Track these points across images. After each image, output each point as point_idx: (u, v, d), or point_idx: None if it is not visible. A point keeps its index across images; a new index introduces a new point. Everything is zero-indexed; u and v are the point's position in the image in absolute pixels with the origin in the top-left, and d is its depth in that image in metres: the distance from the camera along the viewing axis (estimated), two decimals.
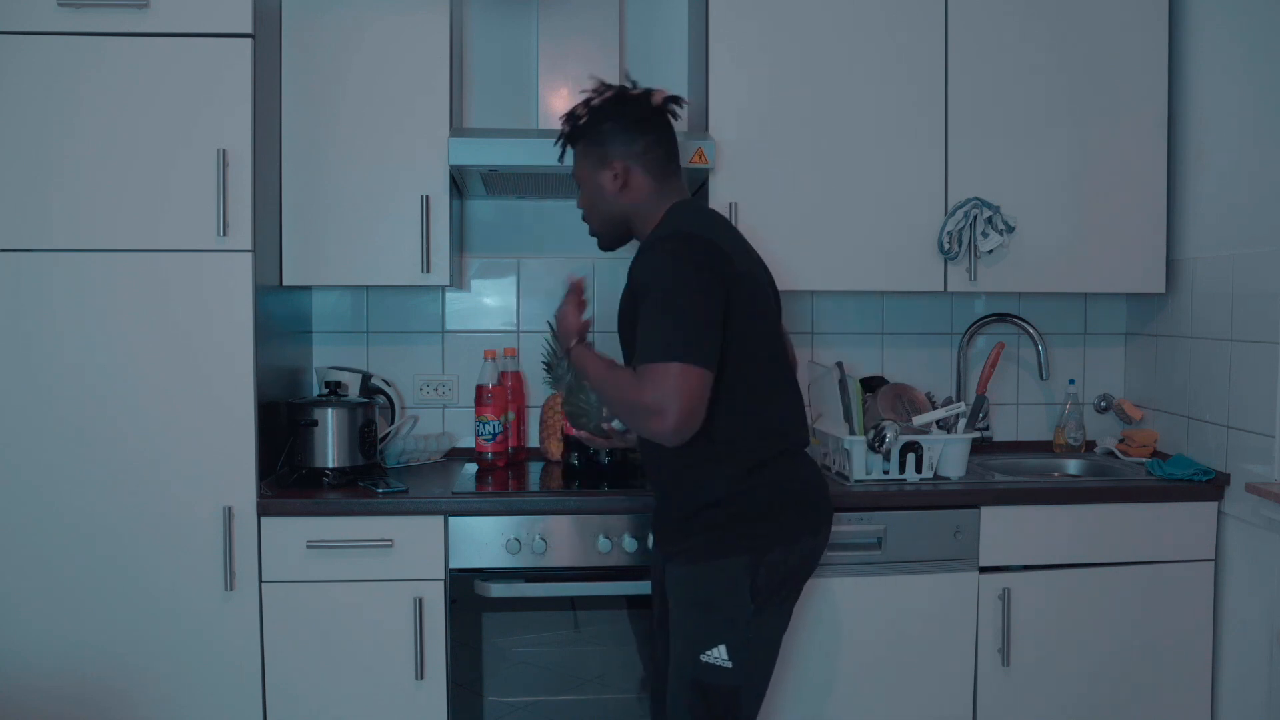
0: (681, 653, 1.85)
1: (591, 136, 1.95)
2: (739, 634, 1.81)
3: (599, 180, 1.95)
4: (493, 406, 2.63)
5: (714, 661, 1.80)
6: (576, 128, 1.97)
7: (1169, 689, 2.48)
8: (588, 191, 1.99)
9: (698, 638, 1.83)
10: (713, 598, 1.83)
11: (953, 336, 2.98)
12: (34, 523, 2.21)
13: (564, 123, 2.00)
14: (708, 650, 1.81)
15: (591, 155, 1.96)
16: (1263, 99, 2.39)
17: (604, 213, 1.98)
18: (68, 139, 2.20)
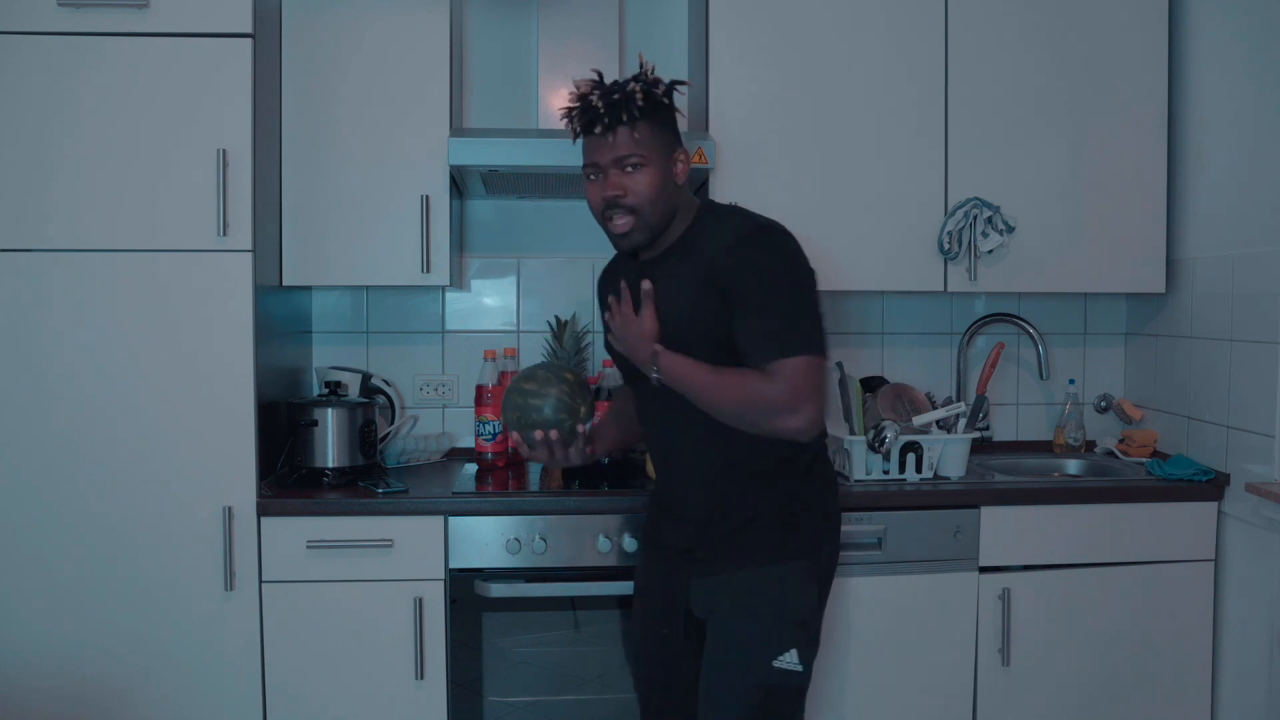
0: (746, 661, 1.77)
1: (660, 117, 1.79)
2: (809, 635, 1.80)
3: (670, 167, 1.80)
4: (493, 406, 2.63)
5: (787, 666, 1.76)
6: (654, 100, 1.78)
7: (1169, 689, 2.48)
8: (653, 178, 1.78)
9: (768, 643, 1.77)
10: (782, 601, 1.79)
11: (953, 336, 2.98)
12: (34, 523, 2.21)
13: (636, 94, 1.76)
14: (780, 655, 1.76)
15: (665, 137, 1.80)
16: (1263, 99, 2.39)
17: (665, 203, 1.80)
18: (68, 139, 2.20)
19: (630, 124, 1.76)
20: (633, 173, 1.78)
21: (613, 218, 1.80)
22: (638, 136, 1.77)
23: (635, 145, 1.77)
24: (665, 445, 1.91)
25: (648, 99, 1.77)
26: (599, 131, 1.77)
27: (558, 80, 2.67)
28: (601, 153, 1.79)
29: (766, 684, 1.77)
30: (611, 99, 1.75)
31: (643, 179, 1.78)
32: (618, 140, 1.77)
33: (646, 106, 1.77)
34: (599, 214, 1.83)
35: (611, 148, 1.77)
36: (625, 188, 1.78)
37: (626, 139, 1.77)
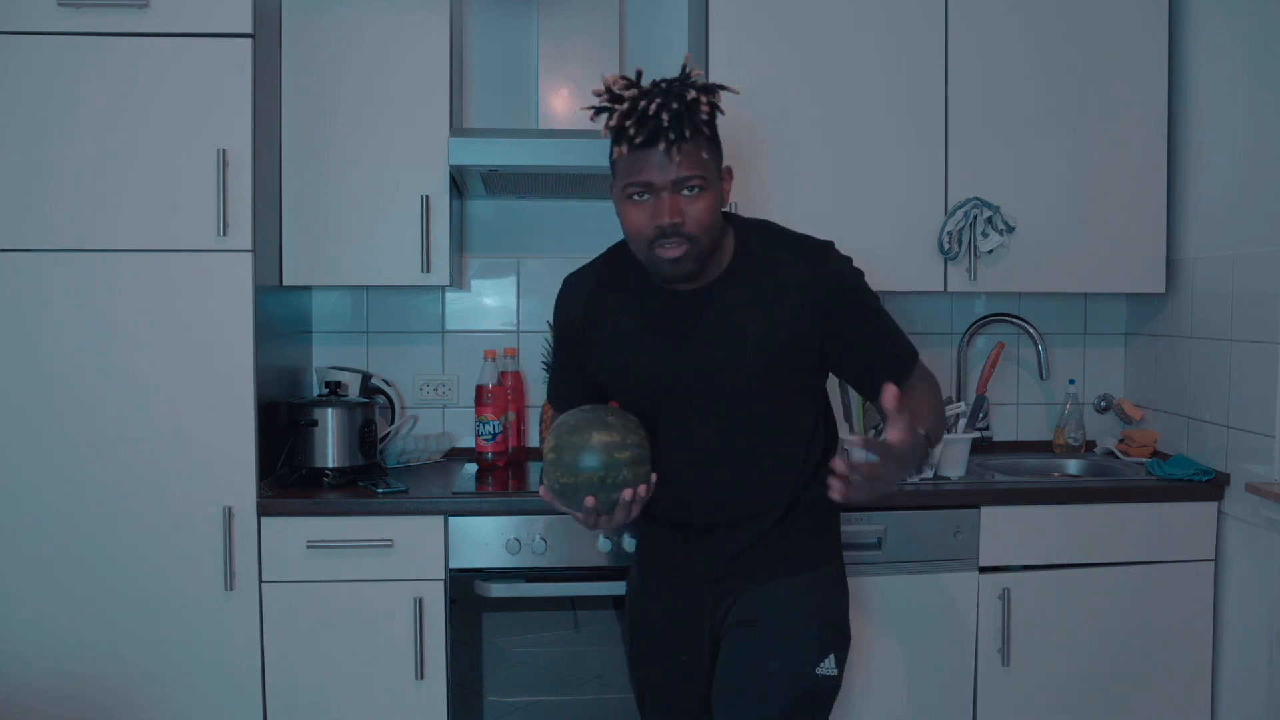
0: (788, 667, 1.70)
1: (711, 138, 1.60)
2: (843, 640, 1.77)
3: (721, 191, 1.63)
4: (493, 406, 2.63)
5: (827, 672, 1.71)
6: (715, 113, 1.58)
7: (1169, 689, 2.48)
8: (713, 201, 1.59)
9: (810, 650, 1.71)
10: (823, 606, 1.76)
11: (953, 336, 2.98)
12: (34, 522, 2.21)
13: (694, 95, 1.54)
14: (822, 661, 1.71)
15: (717, 157, 1.62)
16: (1263, 99, 2.39)
17: (720, 229, 1.64)
18: (68, 139, 2.20)
19: (696, 139, 1.56)
20: (692, 196, 1.57)
21: (665, 245, 1.58)
22: (705, 157, 1.58)
23: (700, 166, 1.57)
24: (697, 469, 1.73)
25: (712, 112, 1.57)
26: (663, 148, 1.53)
27: (558, 80, 2.68)
28: (658, 172, 1.55)
29: (810, 691, 1.72)
30: (673, 109, 1.53)
31: (703, 204, 1.58)
32: (683, 160, 1.55)
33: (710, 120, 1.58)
34: (646, 239, 1.60)
35: (673, 168, 1.55)
36: (685, 214, 1.56)
37: (692, 159, 1.55)
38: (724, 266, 1.68)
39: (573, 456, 1.58)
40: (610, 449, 1.58)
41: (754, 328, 1.66)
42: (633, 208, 1.60)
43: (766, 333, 1.65)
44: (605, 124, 1.59)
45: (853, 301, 1.69)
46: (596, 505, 1.61)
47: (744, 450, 1.72)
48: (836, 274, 1.67)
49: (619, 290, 1.76)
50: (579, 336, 1.80)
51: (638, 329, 1.72)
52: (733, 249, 1.69)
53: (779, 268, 1.66)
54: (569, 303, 1.82)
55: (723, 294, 1.68)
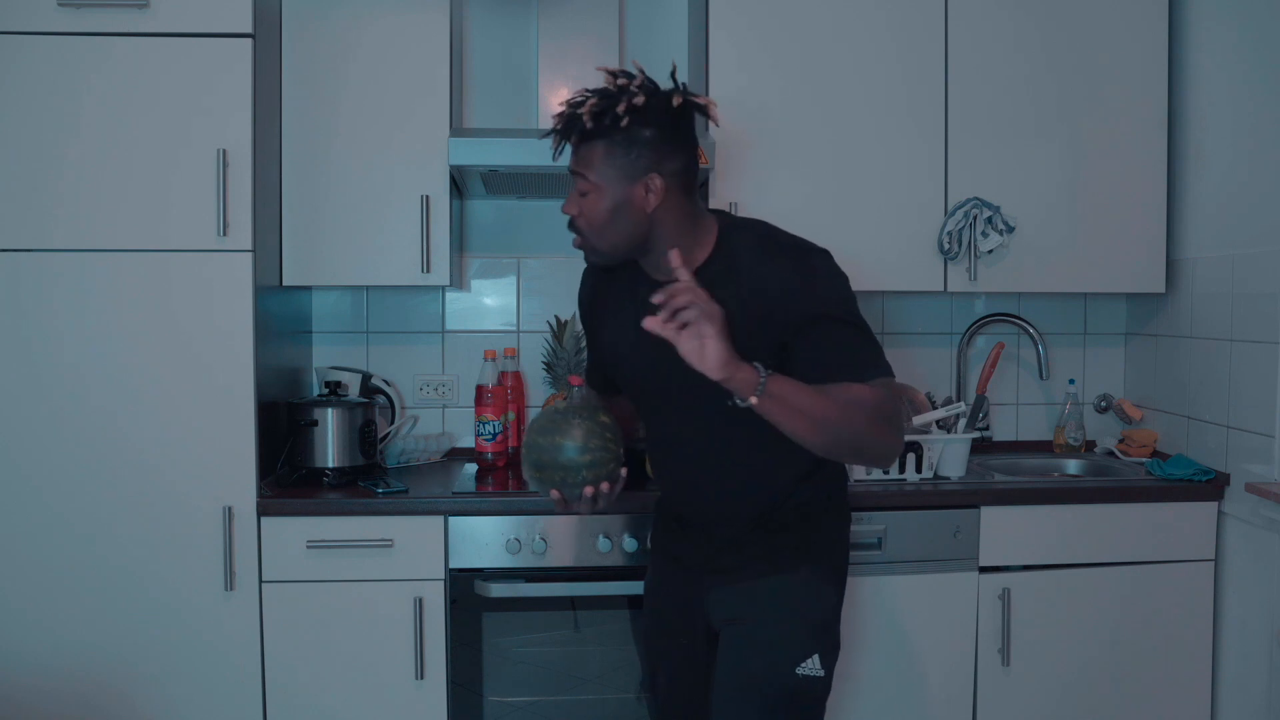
0: (769, 667, 1.73)
1: (619, 140, 1.63)
2: (830, 640, 1.77)
3: (622, 194, 1.65)
4: (493, 406, 2.63)
5: (810, 672, 1.72)
6: (603, 126, 1.63)
7: (1169, 689, 2.48)
8: (601, 203, 1.66)
9: (790, 649, 1.73)
10: (806, 606, 1.76)
11: (953, 336, 2.98)
12: (34, 522, 2.21)
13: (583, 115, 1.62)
14: (804, 661, 1.72)
15: (617, 163, 1.64)
16: (1263, 99, 2.39)
17: (623, 231, 1.67)
18: (68, 139, 2.20)
19: (592, 140, 1.64)
20: (582, 196, 1.67)
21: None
22: (588, 158, 1.65)
23: (589, 168, 1.65)
24: (686, 463, 1.81)
25: (597, 120, 1.61)
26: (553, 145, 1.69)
27: (558, 80, 2.68)
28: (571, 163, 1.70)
29: (791, 690, 1.73)
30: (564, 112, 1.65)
31: (590, 203, 1.66)
32: (577, 157, 1.67)
33: (595, 132, 1.63)
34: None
35: (572, 162, 1.68)
36: (576, 209, 1.69)
37: (583, 157, 1.66)
38: (699, 263, 1.68)
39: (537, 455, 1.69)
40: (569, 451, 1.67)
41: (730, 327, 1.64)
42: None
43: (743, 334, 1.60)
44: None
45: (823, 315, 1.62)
46: (562, 496, 1.72)
47: (721, 444, 1.74)
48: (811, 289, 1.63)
49: (619, 278, 1.81)
50: (588, 323, 1.95)
51: (629, 317, 1.73)
52: (712, 246, 1.70)
53: (755, 270, 1.66)
54: (582, 289, 1.97)
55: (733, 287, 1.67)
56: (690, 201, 1.71)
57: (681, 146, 1.68)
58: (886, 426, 1.58)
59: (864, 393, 1.57)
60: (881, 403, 1.57)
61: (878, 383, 1.59)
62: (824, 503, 1.82)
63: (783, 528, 1.78)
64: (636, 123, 1.62)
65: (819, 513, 1.81)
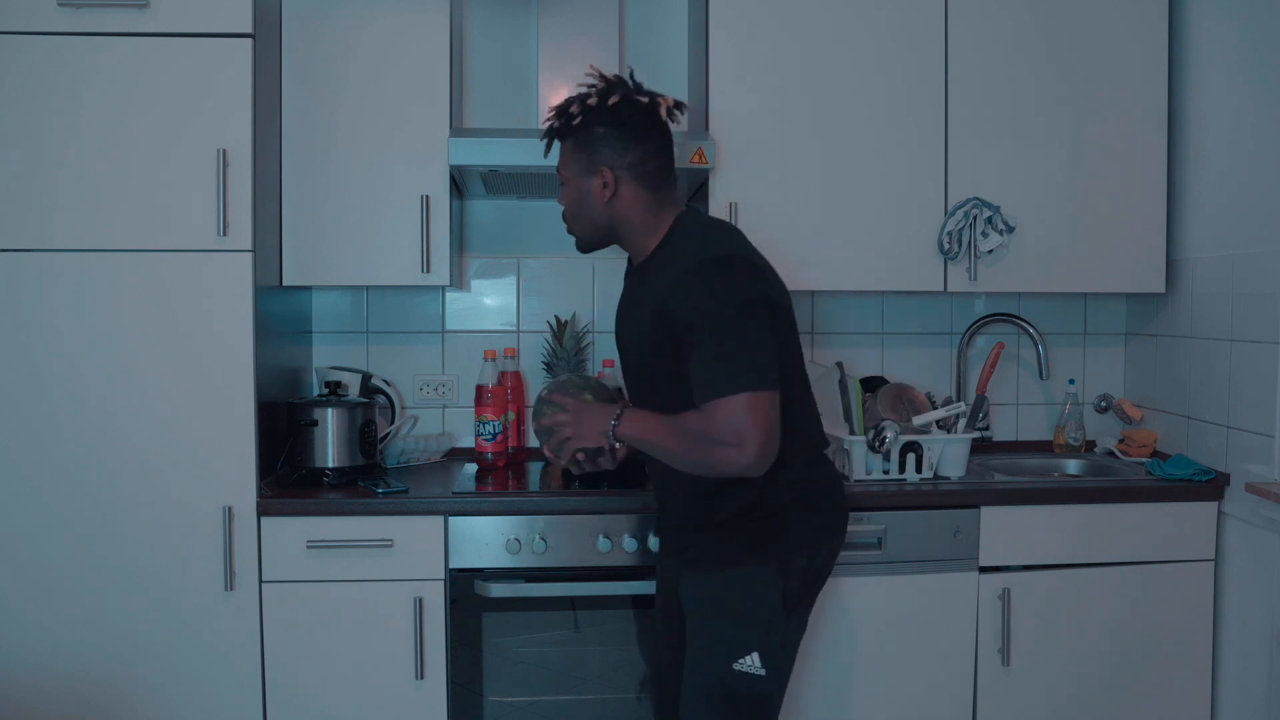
0: (708, 662, 1.80)
1: (582, 138, 1.84)
2: (774, 639, 1.79)
3: (585, 186, 1.86)
4: (493, 406, 2.63)
5: (748, 670, 1.76)
6: (566, 125, 1.85)
7: (1169, 689, 2.48)
8: (571, 194, 1.89)
9: (729, 646, 1.78)
10: (744, 604, 1.79)
11: (953, 336, 2.98)
12: (34, 523, 2.21)
13: (553, 116, 1.87)
14: (740, 659, 1.76)
15: (580, 158, 1.86)
16: (1263, 99, 2.39)
17: (588, 219, 1.89)
18: (68, 139, 2.20)
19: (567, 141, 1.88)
20: (562, 189, 1.91)
21: None
22: (561, 154, 1.90)
23: (562, 164, 1.90)
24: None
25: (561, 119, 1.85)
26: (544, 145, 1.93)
27: (558, 80, 2.67)
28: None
29: (729, 687, 1.77)
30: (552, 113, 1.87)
31: (564, 196, 1.91)
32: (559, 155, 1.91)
33: (562, 131, 1.87)
34: None
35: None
36: (562, 202, 1.93)
37: (562, 156, 1.90)
38: (647, 253, 1.88)
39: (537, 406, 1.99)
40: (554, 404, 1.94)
41: (641, 316, 1.83)
42: None
43: (644, 325, 1.81)
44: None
45: (690, 312, 1.71)
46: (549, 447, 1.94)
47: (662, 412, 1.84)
48: (683, 283, 1.73)
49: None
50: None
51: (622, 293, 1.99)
52: (660, 240, 1.86)
53: (665, 269, 1.80)
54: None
55: (640, 277, 1.89)
56: (651, 193, 1.85)
57: (637, 142, 1.83)
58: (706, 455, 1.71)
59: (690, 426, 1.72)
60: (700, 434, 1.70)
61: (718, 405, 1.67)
62: (778, 504, 1.81)
63: (727, 526, 1.81)
64: (589, 122, 1.82)
65: (769, 514, 1.81)
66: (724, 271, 1.72)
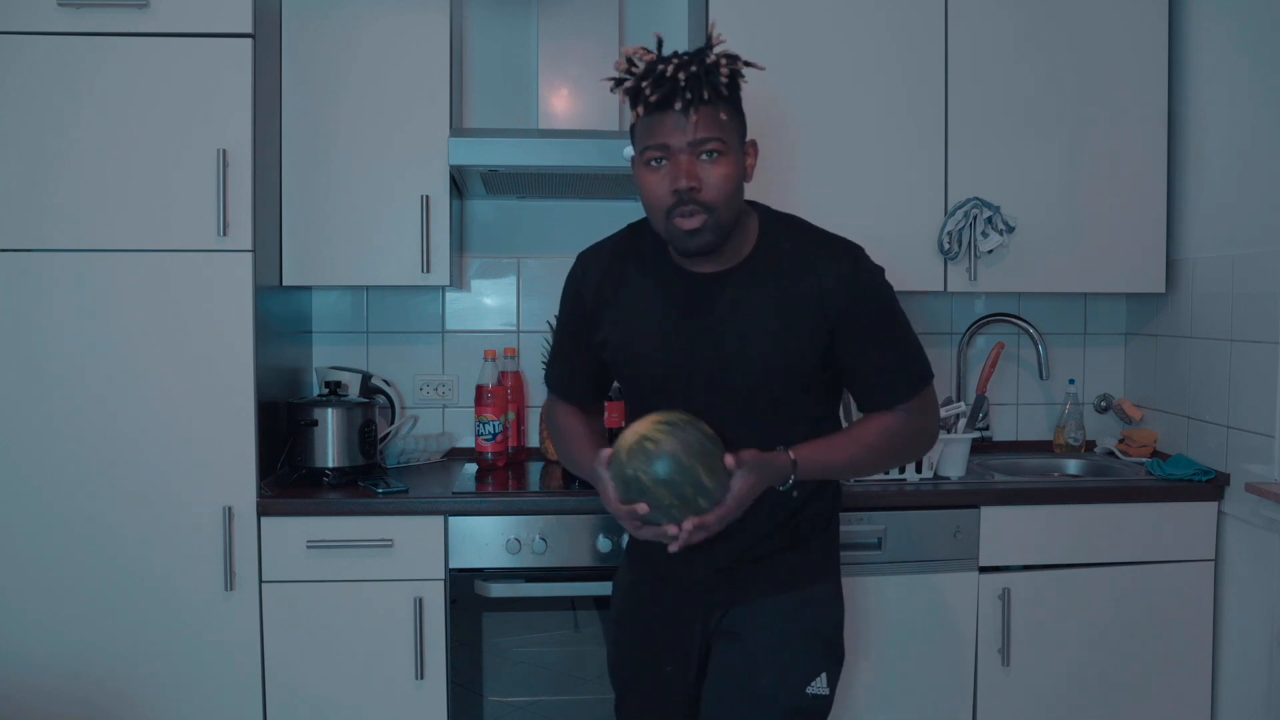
0: (773, 686, 1.65)
1: (736, 103, 1.56)
2: (837, 658, 1.72)
3: (740, 160, 1.58)
4: (493, 406, 2.63)
5: (818, 691, 1.66)
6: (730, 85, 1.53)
7: (1169, 689, 2.48)
8: (731, 168, 1.55)
9: (804, 667, 1.66)
10: (817, 623, 1.70)
11: (953, 336, 2.98)
12: (34, 522, 2.21)
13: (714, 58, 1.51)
14: (813, 681, 1.66)
15: (739, 126, 1.58)
16: (1263, 99, 2.39)
17: (738, 202, 1.60)
18: (68, 139, 2.20)
19: (715, 102, 1.51)
20: (710, 161, 1.53)
21: (683, 215, 1.53)
22: (724, 119, 1.53)
23: (719, 129, 1.52)
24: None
25: (733, 76, 1.53)
26: (679, 108, 1.49)
27: (558, 80, 2.68)
28: (675, 134, 1.51)
29: (799, 710, 1.66)
30: (691, 70, 1.48)
31: (722, 170, 1.53)
32: (700, 121, 1.50)
33: (731, 84, 1.54)
34: (664, 208, 1.55)
35: (690, 129, 1.50)
36: (702, 179, 1.52)
37: (710, 120, 1.51)
38: (745, 254, 1.63)
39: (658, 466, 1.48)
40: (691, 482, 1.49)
41: (771, 322, 1.60)
42: (650, 174, 1.55)
43: (782, 330, 1.60)
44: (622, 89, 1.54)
45: (874, 313, 1.63)
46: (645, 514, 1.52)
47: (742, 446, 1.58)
48: (864, 284, 1.62)
49: (636, 265, 1.71)
50: (586, 310, 1.74)
51: (650, 306, 1.66)
52: (756, 237, 1.65)
53: (804, 265, 1.61)
54: (582, 274, 1.76)
55: (741, 281, 1.62)
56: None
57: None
58: (907, 452, 1.74)
59: (888, 428, 1.66)
60: (915, 435, 1.69)
61: (923, 397, 1.67)
62: (828, 518, 1.75)
63: (801, 539, 1.70)
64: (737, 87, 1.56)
65: (824, 528, 1.74)
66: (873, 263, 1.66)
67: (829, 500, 1.75)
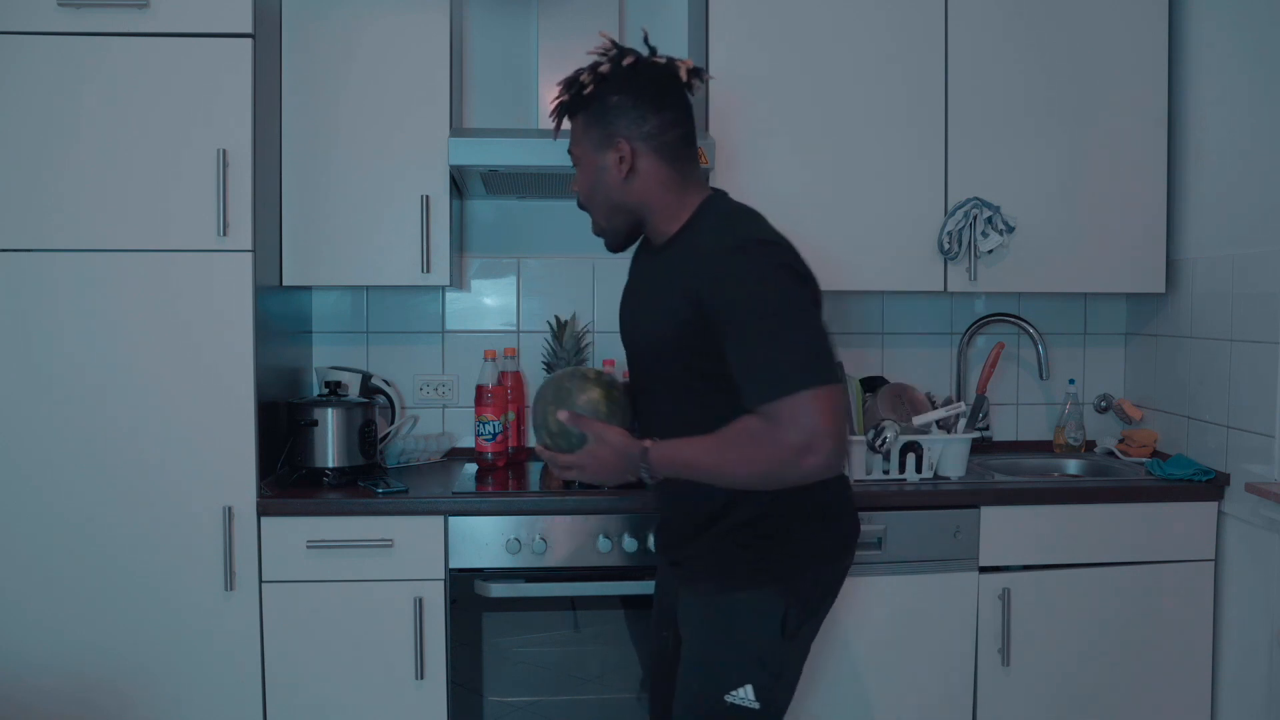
0: (700, 688, 1.66)
1: (595, 110, 1.67)
2: (769, 672, 1.63)
3: (602, 163, 1.68)
4: (493, 406, 2.63)
5: (739, 702, 1.61)
6: (578, 97, 1.67)
7: (1169, 689, 2.48)
8: (587, 175, 1.71)
9: (722, 676, 1.63)
10: (741, 632, 1.64)
11: (953, 336, 2.98)
12: (35, 522, 2.21)
13: (562, 89, 1.69)
14: (733, 691, 1.62)
15: (594, 133, 1.68)
16: (1262, 99, 2.39)
17: (607, 202, 1.71)
18: (68, 139, 2.20)
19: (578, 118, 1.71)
20: (577, 173, 1.75)
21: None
22: (573, 132, 1.73)
23: (575, 140, 1.73)
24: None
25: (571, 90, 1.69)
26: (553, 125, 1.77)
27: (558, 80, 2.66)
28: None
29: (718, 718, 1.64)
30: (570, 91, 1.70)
31: (581, 177, 1.74)
32: (571, 135, 1.75)
33: (573, 104, 1.70)
34: None
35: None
36: (577, 189, 1.77)
37: (574, 133, 1.73)
38: (669, 235, 1.71)
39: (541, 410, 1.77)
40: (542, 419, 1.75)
41: (650, 296, 1.72)
42: None
43: (652, 303, 1.69)
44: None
45: (742, 301, 1.53)
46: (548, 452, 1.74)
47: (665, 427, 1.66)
48: (733, 268, 1.55)
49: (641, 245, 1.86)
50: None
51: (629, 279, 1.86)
52: (685, 221, 1.70)
53: (690, 245, 1.64)
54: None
55: (658, 259, 1.73)
56: (673, 169, 1.69)
57: (656, 110, 1.66)
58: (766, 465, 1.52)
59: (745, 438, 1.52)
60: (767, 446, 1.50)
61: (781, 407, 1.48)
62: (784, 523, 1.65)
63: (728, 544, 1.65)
64: (602, 91, 1.66)
65: (785, 524, 1.65)
66: (768, 251, 1.56)
67: (762, 508, 1.64)
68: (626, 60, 1.66)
